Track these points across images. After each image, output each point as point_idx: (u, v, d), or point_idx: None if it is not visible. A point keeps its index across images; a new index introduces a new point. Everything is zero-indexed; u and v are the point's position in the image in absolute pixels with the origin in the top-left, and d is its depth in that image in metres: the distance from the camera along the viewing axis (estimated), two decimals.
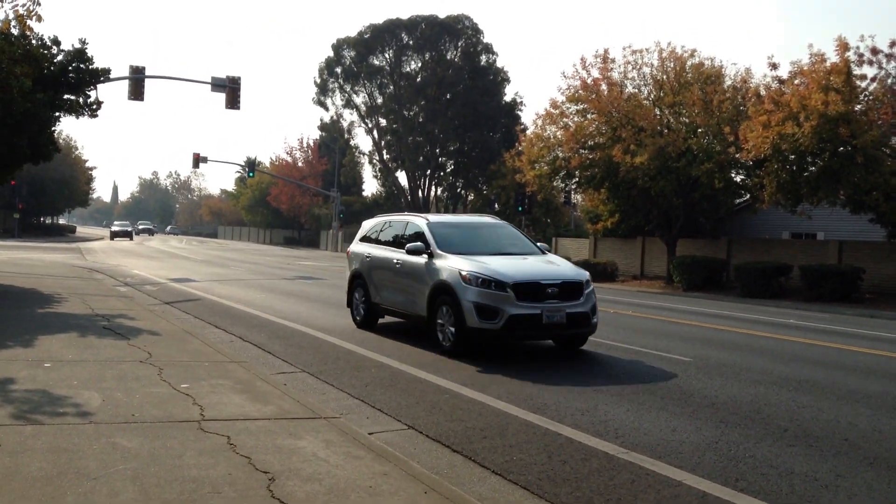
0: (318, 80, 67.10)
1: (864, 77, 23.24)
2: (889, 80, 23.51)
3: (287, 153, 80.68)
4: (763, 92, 25.84)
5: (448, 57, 63.48)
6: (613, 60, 30.81)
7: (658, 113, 30.26)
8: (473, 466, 5.41)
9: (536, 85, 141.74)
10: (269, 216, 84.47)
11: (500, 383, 8.25)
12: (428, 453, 5.68)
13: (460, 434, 6.17)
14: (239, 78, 32.14)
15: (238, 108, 32.42)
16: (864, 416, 7.31)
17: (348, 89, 66.56)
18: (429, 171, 65.89)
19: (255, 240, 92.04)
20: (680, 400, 7.69)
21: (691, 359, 10.41)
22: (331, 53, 66.04)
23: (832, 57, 23.08)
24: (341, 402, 7.25)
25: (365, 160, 76.67)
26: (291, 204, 76.06)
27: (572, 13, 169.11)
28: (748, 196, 31.11)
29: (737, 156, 26.30)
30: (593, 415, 6.94)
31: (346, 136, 73.38)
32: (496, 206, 59.81)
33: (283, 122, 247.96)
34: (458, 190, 67.45)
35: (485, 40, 64.45)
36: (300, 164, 78.12)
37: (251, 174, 68.14)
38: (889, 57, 22.84)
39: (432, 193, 69.00)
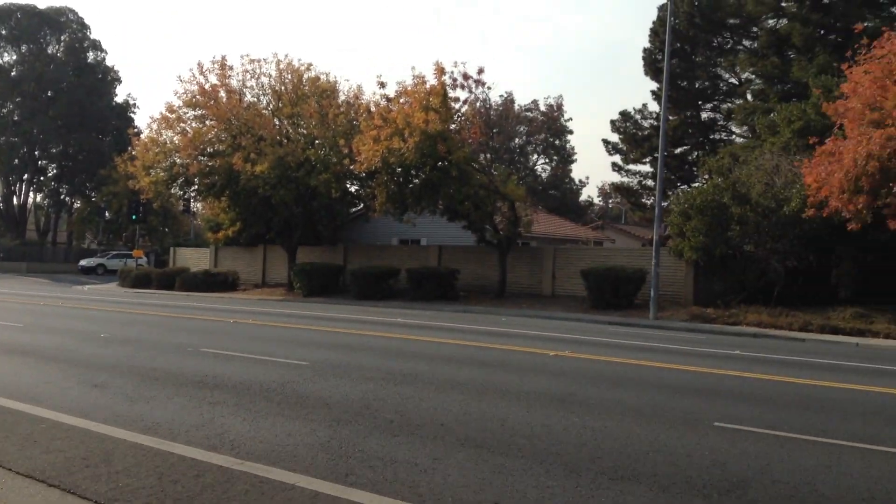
0: None
1: (457, 99, 26.06)
2: (477, 104, 26.88)
3: None
4: (373, 108, 27.71)
5: (50, 51, 57.62)
6: (231, 68, 30.59)
7: (277, 123, 30.74)
8: (73, 499, 4.96)
9: (152, 88, 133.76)
10: None
11: (107, 406, 7.65)
12: (18, 492, 5.06)
13: (59, 466, 5.60)
14: None
15: None
16: (456, 401, 8.25)
17: None
18: (26, 176, 58.81)
19: None
20: (296, 404, 7.91)
21: (308, 362, 10.78)
22: None
23: (431, 79, 25.48)
24: None
25: None
26: None
27: (189, 16, 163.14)
28: (362, 205, 33.22)
29: (351, 167, 27.84)
30: (209, 429, 6.80)
31: None
32: (107, 214, 55.38)
33: None
34: (63, 196, 61.11)
35: (92, 36, 60.14)
36: None
37: None
38: (477, 83, 25.97)
39: (30, 200, 61.57)
